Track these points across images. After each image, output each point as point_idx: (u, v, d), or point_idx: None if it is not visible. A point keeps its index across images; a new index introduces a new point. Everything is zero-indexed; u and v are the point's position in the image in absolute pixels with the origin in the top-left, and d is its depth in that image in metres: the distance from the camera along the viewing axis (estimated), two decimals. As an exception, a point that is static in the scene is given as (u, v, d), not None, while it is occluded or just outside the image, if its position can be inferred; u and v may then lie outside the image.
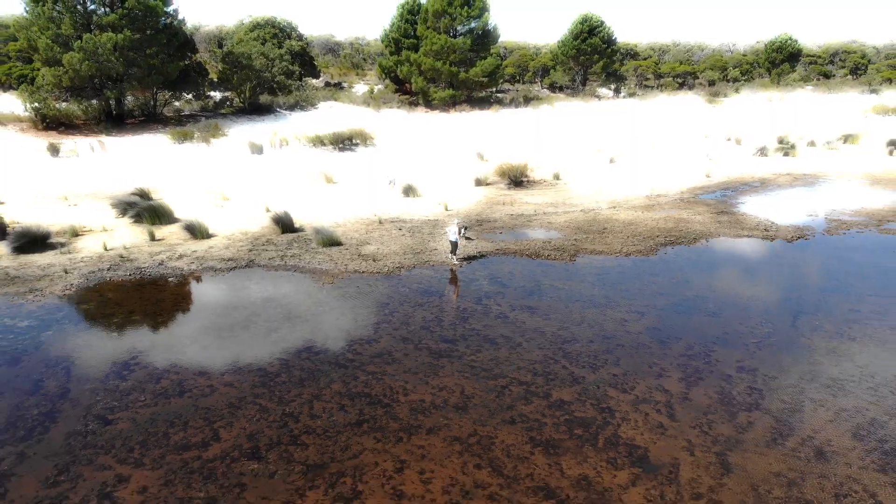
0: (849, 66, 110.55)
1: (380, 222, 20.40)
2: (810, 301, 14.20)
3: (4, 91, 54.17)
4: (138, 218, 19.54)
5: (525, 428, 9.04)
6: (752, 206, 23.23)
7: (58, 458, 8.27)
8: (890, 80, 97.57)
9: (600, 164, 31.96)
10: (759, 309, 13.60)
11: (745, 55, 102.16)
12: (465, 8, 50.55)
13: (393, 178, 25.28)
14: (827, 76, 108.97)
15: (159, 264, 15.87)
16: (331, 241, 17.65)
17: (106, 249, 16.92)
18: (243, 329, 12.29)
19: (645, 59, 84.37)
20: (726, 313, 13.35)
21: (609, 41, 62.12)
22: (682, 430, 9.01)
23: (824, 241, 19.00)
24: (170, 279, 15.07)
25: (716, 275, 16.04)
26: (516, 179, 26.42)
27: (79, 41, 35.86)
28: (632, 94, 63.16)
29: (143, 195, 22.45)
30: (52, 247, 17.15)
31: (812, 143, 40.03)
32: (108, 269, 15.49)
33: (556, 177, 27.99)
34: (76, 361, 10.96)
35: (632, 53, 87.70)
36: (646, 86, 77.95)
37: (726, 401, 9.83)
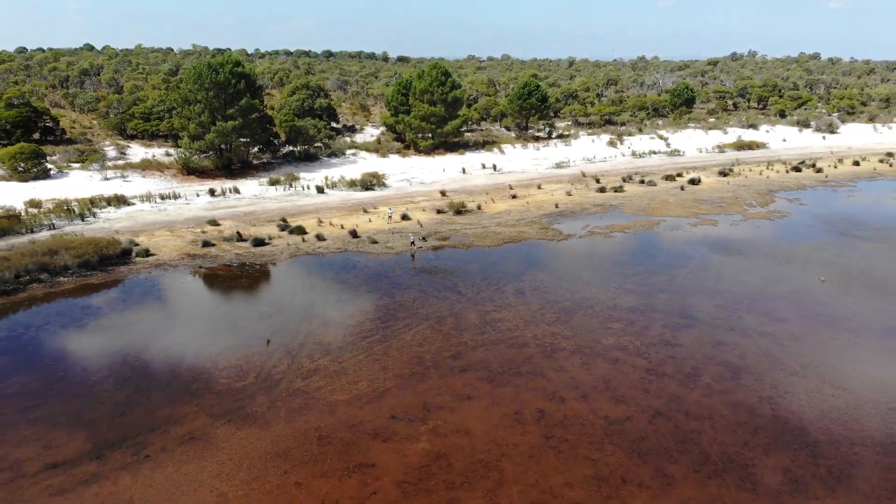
0: (754, 99, 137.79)
1: (392, 233, 47.53)
2: (541, 259, 41.34)
3: (131, 140, 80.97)
4: (291, 232, 46.60)
5: (436, 286, 36.21)
6: (562, 225, 50.43)
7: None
8: (783, 111, 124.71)
9: (507, 198, 59.18)
10: (522, 263, 40.72)
11: (667, 91, 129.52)
12: (441, 87, 77.74)
13: (391, 212, 52.11)
14: (737, 107, 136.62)
15: (313, 250, 43.01)
16: (373, 241, 44.77)
17: (288, 245, 43.97)
18: (352, 268, 39.42)
19: (582, 101, 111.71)
20: (510, 265, 40.48)
21: (544, 99, 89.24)
22: (473, 294, 36.16)
23: (576, 241, 46.17)
24: (319, 256, 42.22)
25: (515, 253, 43.20)
26: (458, 210, 53.58)
27: (214, 126, 62.83)
28: (560, 136, 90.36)
29: (284, 220, 49.58)
30: (267, 244, 44.16)
31: (642, 181, 67.29)
32: (295, 252, 42.58)
33: (479, 207, 55.20)
34: (335, 266, 38.19)
35: (574, 95, 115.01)
36: (579, 122, 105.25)
37: (489, 284, 36.95)
